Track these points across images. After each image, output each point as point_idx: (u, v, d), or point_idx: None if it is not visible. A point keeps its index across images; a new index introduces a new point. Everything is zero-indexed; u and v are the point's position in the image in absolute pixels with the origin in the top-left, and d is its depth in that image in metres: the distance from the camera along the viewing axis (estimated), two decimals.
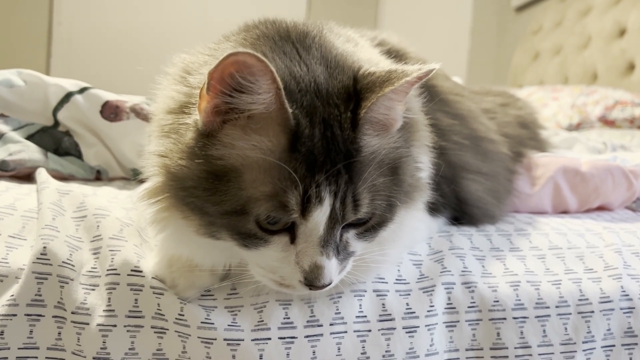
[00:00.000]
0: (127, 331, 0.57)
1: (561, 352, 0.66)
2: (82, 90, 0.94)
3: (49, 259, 0.59)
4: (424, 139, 0.63)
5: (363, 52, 0.62)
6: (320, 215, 0.51)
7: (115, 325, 0.57)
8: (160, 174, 0.54)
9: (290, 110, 0.49)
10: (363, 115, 0.51)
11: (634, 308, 0.69)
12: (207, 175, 0.50)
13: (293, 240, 0.52)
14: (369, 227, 0.55)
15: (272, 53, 0.54)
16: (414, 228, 0.67)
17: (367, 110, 0.51)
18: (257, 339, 0.57)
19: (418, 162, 0.60)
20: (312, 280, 0.52)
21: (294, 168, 0.49)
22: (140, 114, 0.94)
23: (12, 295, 0.57)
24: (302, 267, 0.52)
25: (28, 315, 0.57)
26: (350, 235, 0.55)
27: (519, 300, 0.66)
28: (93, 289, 0.59)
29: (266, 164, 0.49)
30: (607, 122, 2.15)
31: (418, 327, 0.62)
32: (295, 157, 0.49)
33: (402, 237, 0.63)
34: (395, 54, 0.73)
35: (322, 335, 0.59)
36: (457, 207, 0.77)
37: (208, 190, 0.50)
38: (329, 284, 0.53)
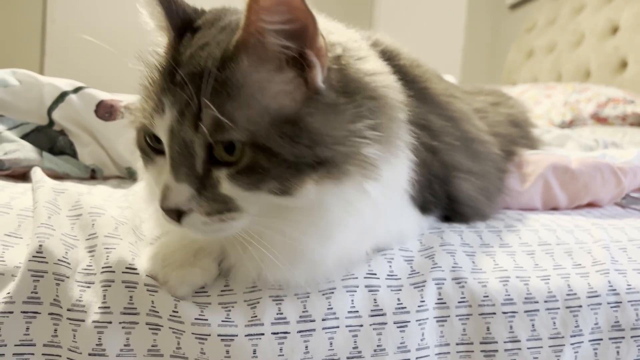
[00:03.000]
0: (122, 328, 0.58)
1: (550, 346, 0.67)
2: (77, 90, 0.94)
3: (44, 257, 0.59)
4: (400, 131, 0.59)
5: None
6: (162, 125, 0.52)
7: (110, 322, 0.58)
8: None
9: (172, 32, 0.55)
10: (236, 37, 0.51)
11: (621, 302, 0.70)
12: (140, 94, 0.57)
13: None
14: (243, 170, 0.51)
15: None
16: (399, 212, 0.65)
17: (242, 32, 0.50)
18: (251, 335, 0.58)
19: (361, 137, 0.53)
20: (161, 201, 0.52)
21: (159, 79, 0.53)
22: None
23: (9, 293, 0.57)
24: (161, 187, 0.53)
25: (24, 312, 0.58)
26: (222, 174, 0.52)
27: (509, 295, 0.67)
28: (88, 287, 0.59)
29: (153, 77, 0.55)
30: (600, 119, 2.17)
31: (409, 322, 0.63)
32: (164, 71, 0.54)
33: (322, 224, 0.55)
34: (390, 55, 0.74)
35: (314, 330, 0.60)
36: (448, 206, 0.78)
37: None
38: (175, 209, 0.52)
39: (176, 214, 0.52)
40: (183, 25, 0.56)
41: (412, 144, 0.62)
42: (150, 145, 0.56)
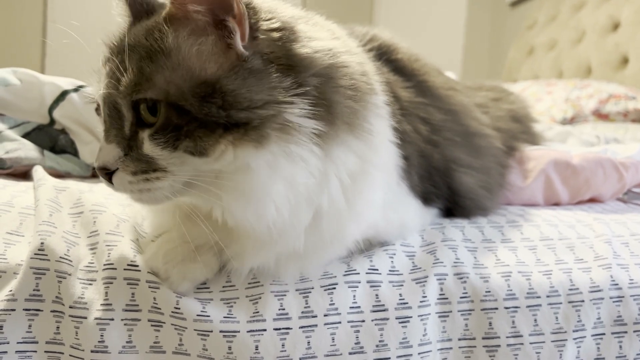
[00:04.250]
0: (125, 324, 0.58)
1: (552, 341, 0.67)
2: (78, 89, 0.94)
3: (46, 255, 0.60)
4: (364, 114, 0.59)
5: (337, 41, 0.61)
6: (99, 92, 0.56)
7: (112, 319, 0.58)
8: None
9: (126, 7, 0.61)
10: (166, 11, 0.55)
11: (623, 297, 0.70)
12: None
13: None
14: (158, 128, 0.53)
15: None
16: (401, 202, 0.66)
17: (170, 7, 0.55)
18: (253, 330, 0.58)
19: (285, 103, 0.53)
20: (94, 160, 0.56)
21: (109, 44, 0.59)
22: None
23: (11, 291, 0.58)
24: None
25: (27, 310, 0.58)
26: (145, 135, 0.54)
27: (511, 290, 0.67)
28: (90, 284, 0.59)
29: None
30: (601, 115, 2.16)
31: (411, 317, 0.63)
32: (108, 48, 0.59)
33: (246, 188, 0.54)
34: (386, 49, 0.74)
35: (316, 326, 0.60)
36: (449, 198, 0.78)
37: None
38: (102, 167, 0.55)
39: (106, 174, 0.55)
40: (142, 14, 0.60)
41: (395, 130, 0.63)
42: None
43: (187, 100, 0.52)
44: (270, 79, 0.53)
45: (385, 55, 0.65)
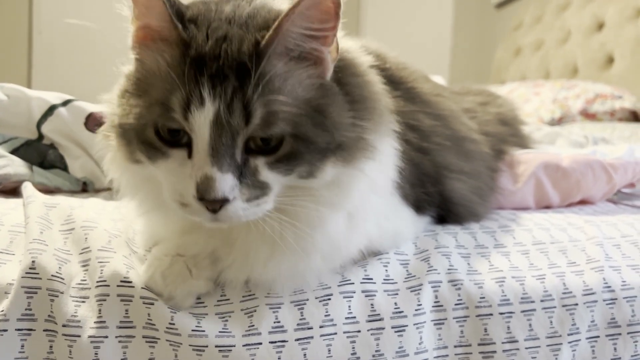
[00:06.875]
0: (119, 342, 0.58)
1: (547, 345, 0.68)
2: (66, 103, 0.94)
3: (38, 273, 0.59)
4: (382, 121, 0.62)
5: None
6: (202, 119, 0.51)
7: (106, 337, 0.57)
8: (107, 118, 0.62)
9: (179, 24, 0.54)
10: (268, 36, 0.53)
11: (616, 299, 0.71)
12: (128, 92, 0.57)
13: (191, 155, 0.54)
14: (281, 157, 0.54)
15: (216, 3, 0.59)
16: (393, 211, 0.67)
17: (273, 33, 0.53)
18: (249, 344, 0.58)
19: (364, 122, 0.58)
20: (203, 192, 0.52)
21: (180, 72, 0.52)
22: None
23: (2, 311, 0.57)
24: (195, 180, 0.52)
25: (19, 330, 0.57)
26: (260, 162, 0.54)
27: (505, 295, 0.68)
28: (83, 301, 0.59)
29: (162, 72, 0.54)
30: (588, 115, 2.18)
31: (407, 326, 0.63)
32: (183, 62, 0.53)
33: (345, 200, 0.60)
34: (376, 59, 0.74)
35: (312, 337, 0.60)
36: (442, 205, 0.78)
37: (127, 107, 0.57)
38: (222, 200, 0.52)
39: (219, 204, 0.53)
40: (178, 15, 0.56)
41: (400, 141, 0.65)
42: (162, 139, 0.55)
43: (312, 130, 0.54)
44: (344, 102, 0.58)
45: (376, 67, 0.66)
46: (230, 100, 0.51)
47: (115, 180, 0.65)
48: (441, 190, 0.77)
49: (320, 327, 0.60)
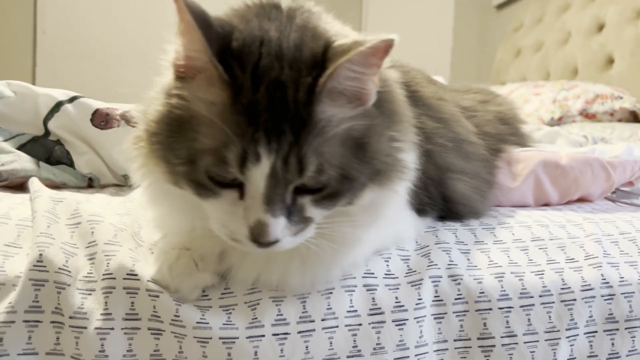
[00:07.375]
0: (125, 334, 0.59)
1: (546, 340, 0.68)
2: (72, 99, 0.95)
3: (45, 266, 0.60)
4: (409, 133, 0.63)
5: (348, 32, 0.62)
6: (258, 173, 0.51)
7: (112, 329, 0.58)
8: (141, 121, 0.59)
9: (220, 66, 0.50)
10: (321, 82, 0.51)
11: (614, 295, 0.72)
12: (169, 122, 0.54)
13: (242, 195, 0.54)
14: (325, 195, 0.55)
15: (257, 17, 0.57)
16: (396, 215, 0.68)
17: (327, 79, 0.51)
18: (252, 337, 0.59)
19: (398, 142, 0.60)
20: (257, 236, 0.53)
21: (234, 124, 0.51)
22: (131, 121, 0.95)
23: (10, 303, 0.58)
24: (247, 223, 0.53)
25: (26, 321, 0.58)
26: (307, 201, 0.55)
27: (504, 290, 0.69)
28: (90, 294, 0.60)
29: (209, 118, 0.52)
30: (588, 115, 2.19)
31: (407, 319, 0.64)
32: (234, 111, 0.51)
33: (378, 219, 0.62)
34: None
35: (314, 330, 0.61)
36: (443, 206, 0.79)
37: (169, 137, 0.54)
38: (274, 242, 0.53)
39: (271, 245, 0.54)
40: (221, 50, 0.52)
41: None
42: (213, 180, 0.54)
43: (355, 169, 0.55)
44: (382, 126, 0.58)
45: None
46: (287, 155, 0.51)
47: (141, 187, 0.65)
48: (443, 191, 0.78)
49: (323, 320, 0.61)
